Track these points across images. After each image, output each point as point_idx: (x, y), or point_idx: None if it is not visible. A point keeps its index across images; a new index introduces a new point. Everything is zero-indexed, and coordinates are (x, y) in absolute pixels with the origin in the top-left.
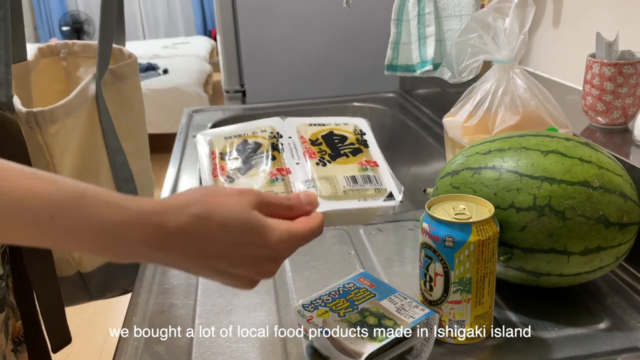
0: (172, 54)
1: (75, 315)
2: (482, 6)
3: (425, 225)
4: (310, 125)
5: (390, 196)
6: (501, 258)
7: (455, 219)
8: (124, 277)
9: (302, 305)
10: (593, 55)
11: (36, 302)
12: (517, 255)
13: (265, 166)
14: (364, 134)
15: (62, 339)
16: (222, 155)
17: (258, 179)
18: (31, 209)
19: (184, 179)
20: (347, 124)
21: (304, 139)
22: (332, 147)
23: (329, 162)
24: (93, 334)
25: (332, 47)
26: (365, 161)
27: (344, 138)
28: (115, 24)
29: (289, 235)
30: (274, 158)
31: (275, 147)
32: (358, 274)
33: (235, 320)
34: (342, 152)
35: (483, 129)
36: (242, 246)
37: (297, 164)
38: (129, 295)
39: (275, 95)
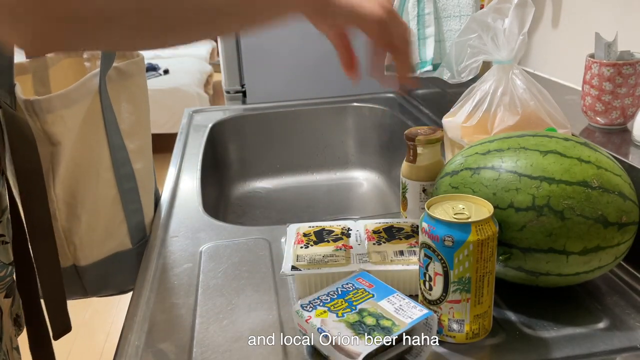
0: (173, 54)
1: (76, 314)
2: (482, 7)
3: (424, 224)
4: (376, 223)
5: None
6: (500, 258)
7: (455, 218)
8: (119, 276)
9: (301, 305)
10: (592, 56)
11: (39, 288)
12: (516, 255)
13: (333, 242)
14: None
15: (63, 325)
16: (305, 234)
17: (326, 248)
18: None
19: (184, 178)
20: (407, 221)
21: (368, 231)
22: (389, 234)
23: (384, 242)
24: (94, 333)
25: (332, 47)
26: (416, 242)
27: (400, 229)
28: None
29: None
30: (341, 238)
31: (344, 234)
32: (357, 274)
33: (235, 320)
34: (397, 237)
35: (482, 129)
36: None
37: (359, 244)
38: (129, 295)
39: (275, 95)
